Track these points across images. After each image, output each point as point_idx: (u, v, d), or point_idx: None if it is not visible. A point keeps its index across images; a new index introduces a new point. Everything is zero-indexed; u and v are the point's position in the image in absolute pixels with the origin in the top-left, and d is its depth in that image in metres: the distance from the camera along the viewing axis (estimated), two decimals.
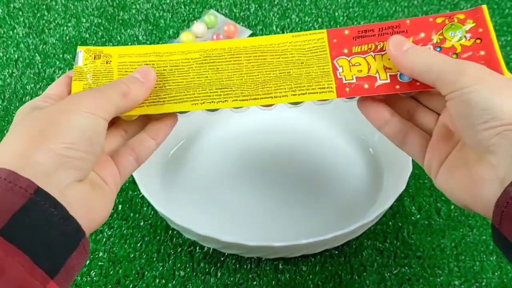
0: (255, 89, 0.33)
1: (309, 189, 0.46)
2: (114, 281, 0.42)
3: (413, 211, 0.46)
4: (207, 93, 0.33)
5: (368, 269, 0.42)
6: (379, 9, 0.63)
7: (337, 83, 0.33)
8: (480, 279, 0.42)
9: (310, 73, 0.33)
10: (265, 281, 0.42)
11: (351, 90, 0.33)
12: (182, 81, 0.34)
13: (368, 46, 0.34)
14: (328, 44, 0.34)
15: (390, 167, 0.44)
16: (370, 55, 0.33)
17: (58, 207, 0.26)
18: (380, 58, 0.33)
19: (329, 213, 0.44)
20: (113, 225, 0.45)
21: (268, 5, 0.64)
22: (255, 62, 0.34)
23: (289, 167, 0.47)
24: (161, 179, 0.45)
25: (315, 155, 0.48)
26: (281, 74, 0.34)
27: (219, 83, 0.34)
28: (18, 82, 0.57)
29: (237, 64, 0.34)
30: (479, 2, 0.64)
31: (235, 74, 0.34)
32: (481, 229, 0.44)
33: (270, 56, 0.34)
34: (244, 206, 0.45)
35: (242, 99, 0.33)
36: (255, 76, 0.34)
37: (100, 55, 0.35)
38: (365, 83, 0.33)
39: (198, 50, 0.35)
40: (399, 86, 0.32)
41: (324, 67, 0.34)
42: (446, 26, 0.33)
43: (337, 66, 0.33)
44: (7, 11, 0.64)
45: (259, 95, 0.33)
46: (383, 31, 0.34)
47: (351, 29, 0.34)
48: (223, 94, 0.33)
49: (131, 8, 0.64)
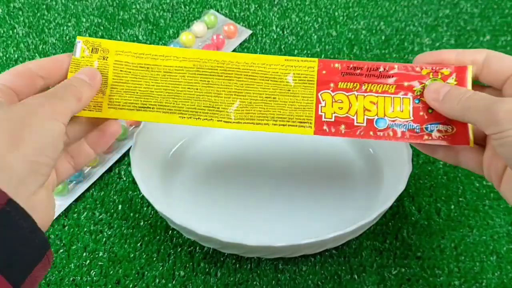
0: (240, 112, 0.35)
1: (309, 189, 0.46)
2: (114, 281, 0.42)
3: (413, 211, 0.46)
4: (195, 109, 0.35)
5: (368, 269, 0.42)
6: (379, 9, 0.63)
7: (316, 120, 0.35)
8: (480, 279, 0.42)
9: (294, 103, 0.35)
10: (265, 281, 0.42)
11: (328, 129, 0.35)
12: (173, 89, 0.36)
13: (353, 84, 0.36)
14: (317, 74, 0.36)
15: (390, 167, 0.44)
16: (353, 94, 0.35)
17: (27, 219, 0.26)
18: (362, 98, 0.35)
19: (329, 213, 0.44)
20: (113, 225, 0.45)
21: (268, 5, 0.64)
22: (245, 81, 0.36)
23: (289, 167, 0.47)
24: (161, 179, 0.45)
25: (315, 155, 0.48)
26: (267, 99, 0.36)
27: (208, 98, 0.36)
28: None
29: (227, 80, 0.36)
30: (479, 1, 0.64)
31: (224, 90, 0.36)
32: (481, 230, 0.44)
33: (259, 77, 0.36)
34: (244, 206, 0.45)
35: (226, 120, 0.35)
36: (243, 96, 0.36)
37: (98, 49, 0.36)
38: (343, 123, 0.35)
39: (193, 59, 0.36)
40: (372, 133, 0.35)
41: (309, 98, 0.35)
42: (430, 80, 0.35)
43: (321, 100, 0.35)
44: (7, 11, 0.64)
45: (242, 120, 0.35)
46: (370, 71, 0.35)
47: (341, 63, 0.36)
48: (210, 113, 0.35)
49: (131, 8, 0.64)
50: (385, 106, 0.35)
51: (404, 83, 0.35)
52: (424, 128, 0.34)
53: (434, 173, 0.48)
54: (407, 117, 0.35)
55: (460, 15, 0.63)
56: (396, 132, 0.35)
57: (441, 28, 0.61)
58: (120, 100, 0.35)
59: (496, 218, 0.45)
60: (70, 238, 0.44)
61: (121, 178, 0.48)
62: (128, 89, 0.36)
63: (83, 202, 0.47)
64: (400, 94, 0.35)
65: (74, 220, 0.46)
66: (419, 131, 0.34)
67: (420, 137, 0.34)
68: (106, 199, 0.47)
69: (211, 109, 0.35)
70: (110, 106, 0.35)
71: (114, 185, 0.48)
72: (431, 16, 0.63)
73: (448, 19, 0.62)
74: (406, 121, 0.35)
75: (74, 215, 0.46)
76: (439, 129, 0.34)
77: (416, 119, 0.35)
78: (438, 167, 0.48)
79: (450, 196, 0.47)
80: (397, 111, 0.35)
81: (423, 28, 0.61)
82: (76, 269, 0.43)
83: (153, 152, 0.45)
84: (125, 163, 0.49)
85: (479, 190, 0.47)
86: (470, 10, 0.63)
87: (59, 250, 0.44)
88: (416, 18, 0.62)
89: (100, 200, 0.47)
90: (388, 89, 0.35)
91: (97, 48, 0.36)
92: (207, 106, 0.35)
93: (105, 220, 0.46)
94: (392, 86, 0.35)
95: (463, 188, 0.47)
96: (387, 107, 0.35)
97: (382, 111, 0.35)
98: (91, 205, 0.47)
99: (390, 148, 0.44)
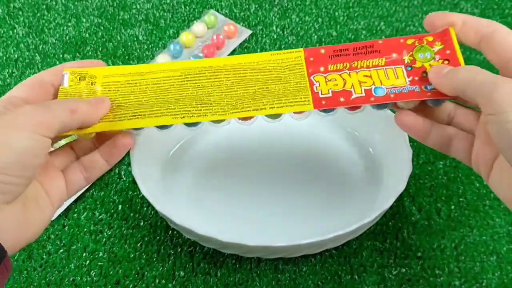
0: (233, 104, 0.34)
1: (309, 189, 0.46)
2: (114, 281, 0.42)
3: (413, 211, 0.46)
4: (187, 108, 0.35)
5: (368, 269, 0.42)
6: (379, 9, 0.63)
7: (313, 96, 0.34)
8: (481, 279, 0.42)
9: (288, 88, 0.35)
10: (265, 281, 0.42)
11: (327, 102, 0.34)
12: (163, 97, 0.35)
13: (343, 64, 0.35)
14: (305, 61, 0.36)
15: (390, 167, 0.44)
16: (345, 72, 0.35)
17: None
18: (355, 74, 0.35)
19: (329, 213, 0.44)
20: (113, 225, 0.45)
21: (268, 5, 0.64)
22: (235, 79, 0.36)
23: (290, 167, 0.47)
24: (161, 179, 0.45)
25: (315, 155, 0.48)
26: (259, 90, 0.35)
27: (199, 99, 0.35)
28: (18, 82, 0.57)
29: (217, 81, 0.36)
30: (479, 1, 0.64)
31: (214, 90, 0.35)
32: (481, 230, 0.44)
33: (249, 73, 0.36)
34: (244, 206, 0.45)
35: (221, 113, 0.34)
36: (235, 91, 0.35)
37: (85, 77, 0.36)
38: (341, 96, 0.34)
39: (180, 69, 0.36)
40: (373, 98, 0.34)
41: (301, 82, 0.35)
42: (416, 48, 0.35)
43: (314, 82, 0.35)
44: (7, 11, 0.64)
45: (237, 109, 0.34)
46: (357, 50, 0.35)
47: (327, 48, 0.36)
48: (203, 109, 0.35)
49: (131, 8, 0.64)
50: (379, 77, 0.35)
51: (393, 54, 0.35)
52: (423, 88, 0.34)
53: (434, 173, 0.48)
54: (404, 83, 0.34)
55: None
56: (397, 95, 0.34)
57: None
58: (109, 115, 0.35)
59: (496, 218, 0.45)
60: (70, 238, 0.44)
61: (121, 178, 0.48)
62: (119, 104, 0.35)
63: (83, 202, 0.47)
64: (391, 65, 0.35)
65: (74, 220, 0.46)
66: (419, 91, 0.34)
67: (422, 94, 0.34)
68: (106, 199, 0.47)
69: (204, 105, 0.35)
70: (100, 121, 0.35)
71: (114, 185, 0.48)
72: None
73: None
74: (404, 86, 0.34)
75: (74, 215, 0.46)
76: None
77: (413, 83, 0.34)
78: (438, 167, 0.48)
79: (450, 196, 0.47)
80: (393, 79, 0.34)
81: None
82: (76, 269, 0.43)
83: (153, 152, 0.45)
84: (125, 163, 0.49)
85: (480, 190, 0.47)
86: (470, 11, 0.63)
87: (59, 250, 0.44)
88: (416, 19, 0.62)
89: (100, 200, 0.47)
90: (378, 62, 0.35)
91: (84, 76, 0.36)
92: (199, 103, 0.35)
93: (105, 220, 0.46)
94: (381, 59, 0.35)
95: (464, 188, 0.47)
96: (382, 78, 0.35)
97: (378, 81, 0.34)
98: (91, 205, 0.47)
99: (390, 148, 0.44)
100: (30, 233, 0.30)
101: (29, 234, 0.30)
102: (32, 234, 0.30)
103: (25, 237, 0.29)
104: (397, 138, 0.42)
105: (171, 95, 0.35)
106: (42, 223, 0.31)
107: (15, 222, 0.28)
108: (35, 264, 0.43)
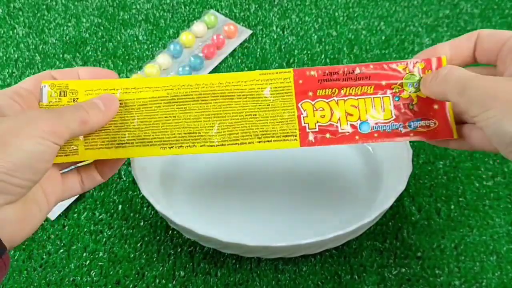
0: (222, 134, 0.35)
1: (309, 189, 0.46)
2: (114, 281, 0.42)
3: (413, 211, 0.46)
4: (176, 137, 0.35)
5: (368, 269, 0.42)
6: (379, 9, 0.63)
7: (300, 131, 0.35)
8: (480, 279, 0.42)
9: (276, 117, 0.35)
10: (265, 281, 0.42)
11: (314, 139, 0.35)
12: (149, 120, 0.35)
13: (332, 90, 0.35)
14: (294, 85, 0.35)
15: (390, 167, 0.44)
16: (333, 99, 0.35)
17: None
18: (343, 103, 0.35)
19: (329, 213, 0.44)
20: (113, 225, 0.45)
21: (268, 5, 0.64)
22: (222, 102, 0.35)
23: (290, 167, 0.47)
24: (161, 179, 0.45)
25: (315, 155, 0.48)
26: (247, 117, 0.35)
27: (187, 124, 0.35)
28: (18, 82, 0.57)
29: (204, 104, 0.35)
30: (479, 1, 0.64)
31: (202, 114, 0.35)
32: (481, 229, 0.44)
33: (236, 96, 0.35)
34: (244, 206, 0.45)
35: (209, 145, 0.35)
36: (223, 117, 0.35)
37: (66, 92, 0.35)
38: (327, 132, 0.35)
39: (165, 87, 0.35)
40: (358, 137, 0.35)
41: (290, 110, 0.35)
42: (406, 76, 0.35)
43: (302, 110, 0.35)
44: (7, 11, 0.64)
45: (226, 141, 0.35)
46: (347, 75, 0.35)
47: (316, 70, 0.35)
48: (191, 139, 0.35)
49: (131, 8, 0.64)
50: (366, 108, 0.35)
51: (382, 82, 0.35)
52: (407, 126, 0.35)
53: (434, 173, 0.48)
54: (389, 117, 0.35)
55: (460, 16, 0.63)
56: (380, 134, 0.35)
57: (441, 29, 0.61)
58: (96, 140, 0.34)
59: (496, 218, 0.45)
60: (70, 238, 0.45)
61: (121, 178, 0.48)
62: (104, 127, 0.34)
63: (83, 202, 0.47)
64: (379, 93, 0.35)
65: (74, 220, 0.46)
66: (403, 130, 0.35)
67: (405, 134, 0.35)
68: (106, 199, 0.47)
69: (192, 135, 0.35)
70: (87, 147, 0.34)
71: (114, 185, 0.48)
72: (431, 16, 0.63)
73: (448, 19, 0.62)
74: (389, 121, 0.35)
75: (74, 215, 0.46)
76: (422, 125, 0.35)
77: (398, 118, 0.35)
78: (438, 167, 0.49)
79: (450, 196, 0.47)
80: (379, 111, 0.35)
81: (423, 29, 0.61)
82: (76, 269, 0.43)
83: None
84: (125, 163, 0.49)
85: (479, 190, 0.47)
86: (470, 11, 0.63)
87: (59, 250, 0.44)
88: (416, 19, 0.62)
89: (100, 200, 0.47)
90: (366, 90, 0.35)
91: (65, 90, 0.35)
92: (187, 133, 0.35)
93: (105, 220, 0.46)
94: (370, 87, 0.35)
95: (463, 188, 0.47)
96: (369, 109, 0.35)
97: (364, 114, 0.35)
98: (91, 205, 0.47)
99: (390, 148, 0.44)
100: (27, 230, 0.30)
101: (26, 231, 0.30)
102: (29, 231, 0.31)
103: (22, 234, 0.30)
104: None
105: (157, 117, 0.35)
106: (38, 221, 0.31)
107: (15, 220, 0.29)
108: (35, 264, 0.43)
